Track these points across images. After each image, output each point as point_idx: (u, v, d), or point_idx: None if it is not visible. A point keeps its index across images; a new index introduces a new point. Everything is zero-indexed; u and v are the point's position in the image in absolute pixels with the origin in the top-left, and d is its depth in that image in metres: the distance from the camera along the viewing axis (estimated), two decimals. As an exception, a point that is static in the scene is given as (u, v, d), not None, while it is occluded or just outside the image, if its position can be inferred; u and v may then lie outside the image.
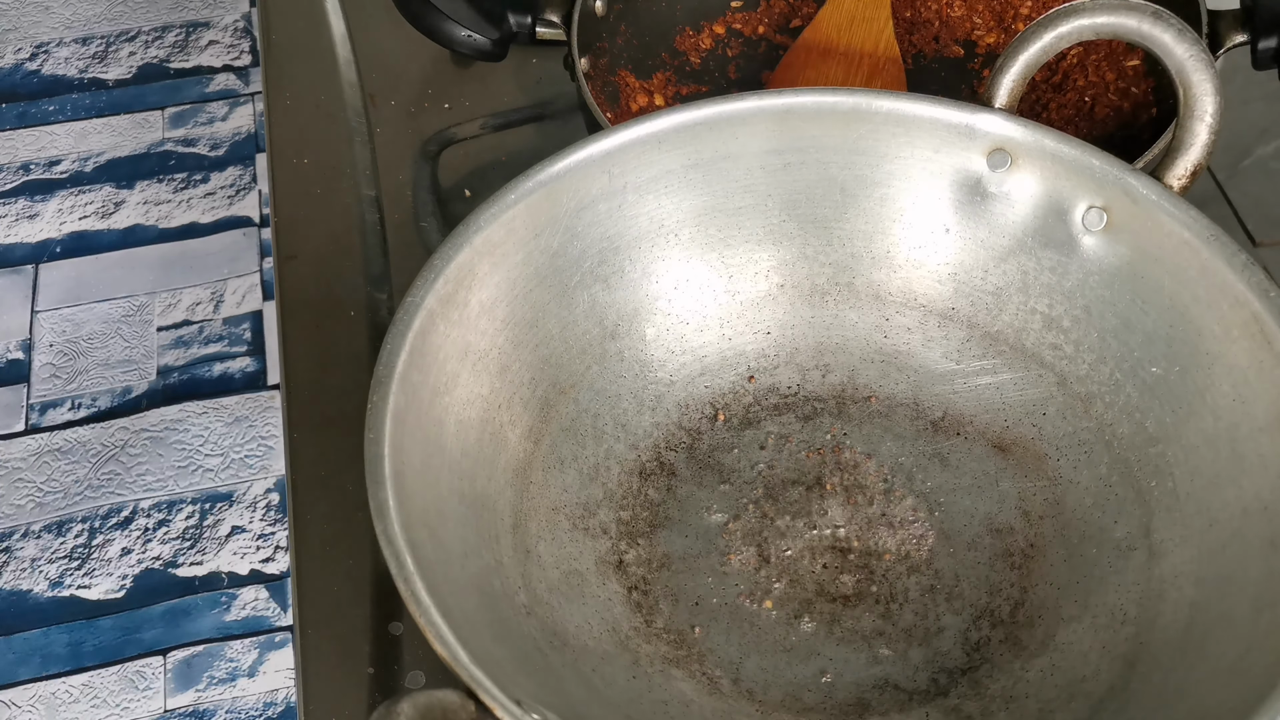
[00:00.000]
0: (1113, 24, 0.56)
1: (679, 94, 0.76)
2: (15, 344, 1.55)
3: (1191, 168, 0.56)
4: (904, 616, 0.55)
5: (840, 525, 0.58)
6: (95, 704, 1.28)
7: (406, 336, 0.51)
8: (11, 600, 1.35)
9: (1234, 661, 0.47)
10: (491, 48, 0.73)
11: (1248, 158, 0.75)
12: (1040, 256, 0.59)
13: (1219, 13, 0.68)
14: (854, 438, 0.60)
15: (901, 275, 0.62)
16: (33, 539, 1.39)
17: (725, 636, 0.55)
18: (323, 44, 0.85)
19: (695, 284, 0.62)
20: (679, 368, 0.62)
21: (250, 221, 1.66)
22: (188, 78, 1.82)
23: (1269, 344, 0.51)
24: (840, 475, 0.59)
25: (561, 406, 0.59)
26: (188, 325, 1.56)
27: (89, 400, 1.50)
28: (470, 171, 0.78)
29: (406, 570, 0.45)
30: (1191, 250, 0.54)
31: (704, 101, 0.59)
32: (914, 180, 0.60)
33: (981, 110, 0.58)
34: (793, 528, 0.57)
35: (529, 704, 0.44)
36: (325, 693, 0.57)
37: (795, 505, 0.58)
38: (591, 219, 0.59)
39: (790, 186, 0.61)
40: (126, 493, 1.42)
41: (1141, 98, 0.71)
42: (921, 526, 0.57)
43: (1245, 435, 0.52)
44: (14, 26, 1.88)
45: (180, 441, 1.46)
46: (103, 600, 1.35)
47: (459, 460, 0.53)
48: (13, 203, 1.68)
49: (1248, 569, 0.50)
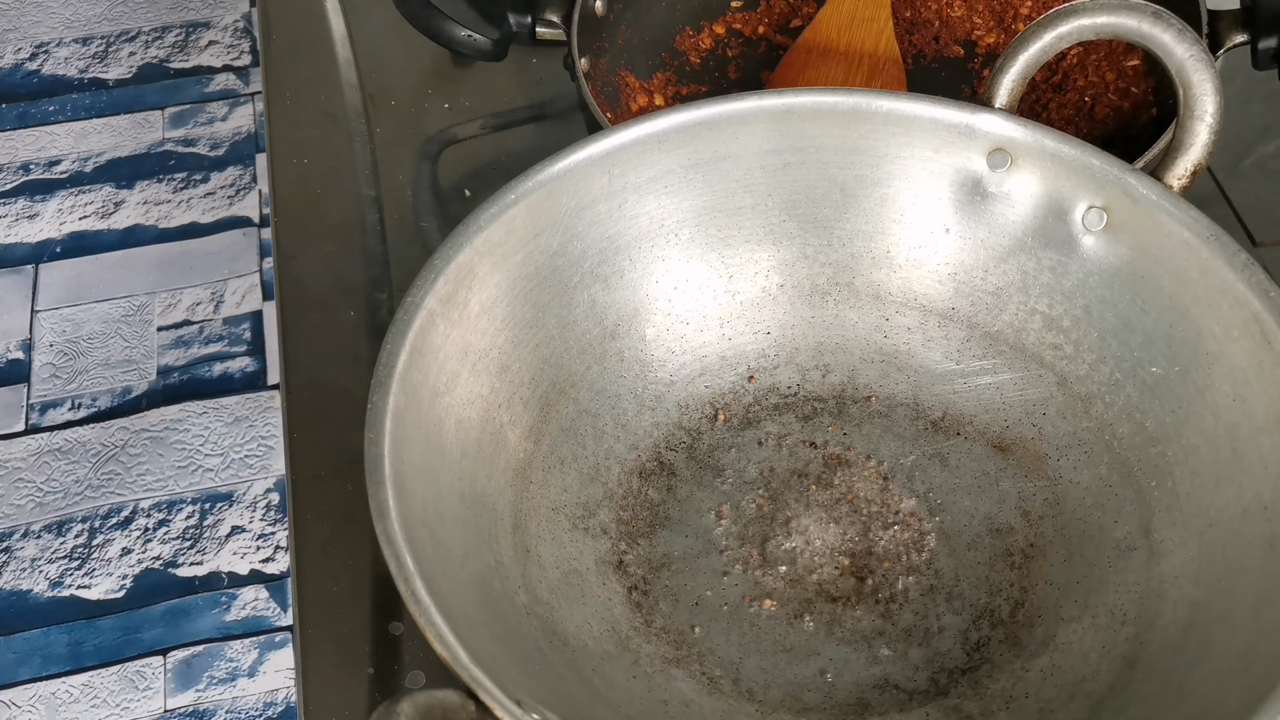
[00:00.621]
0: (1113, 24, 0.56)
1: (679, 94, 0.76)
2: (15, 344, 1.55)
3: (1191, 168, 0.56)
4: (904, 616, 0.55)
5: (840, 525, 0.58)
6: (95, 704, 1.28)
7: (406, 336, 0.51)
8: (11, 600, 1.35)
9: (1234, 661, 0.47)
10: (491, 48, 0.73)
11: (1248, 158, 0.75)
12: (1040, 256, 0.59)
13: (1219, 13, 0.68)
14: (854, 438, 0.60)
15: (901, 275, 0.62)
16: (33, 539, 1.39)
17: (725, 636, 0.55)
18: (323, 44, 0.85)
19: (695, 284, 0.62)
20: (679, 368, 0.62)
21: (250, 221, 1.66)
22: (188, 78, 1.82)
23: (1269, 344, 0.51)
24: (840, 475, 0.59)
25: (561, 406, 0.59)
26: (188, 325, 1.57)
27: (89, 400, 1.50)
28: (470, 171, 0.78)
29: (406, 570, 0.45)
30: (1191, 250, 0.54)
31: (704, 101, 0.59)
32: (914, 180, 0.60)
33: (981, 110, 0.58)
34: (792, 528, 0.57)
35: (529, 704, 0.44)
36: (325, 693, 0.57)
37: (795, 505, 0.58)
38: (591, 219, 0.59)
39: (790, 186, 0.61)
40: (126, 493, 1.42)
41: (1141, 98, 0.71)
42: (921, 526, 0.57)
43: (1245, 435, 0.52)
44: (14, 26, 1.88)
45: (180, 441, 1.46)
46: (103, 600, 1.35)
47: (459, 460, 0.53)
48: (13, 203, 1.68)
49: (1248, 569, 0.50)
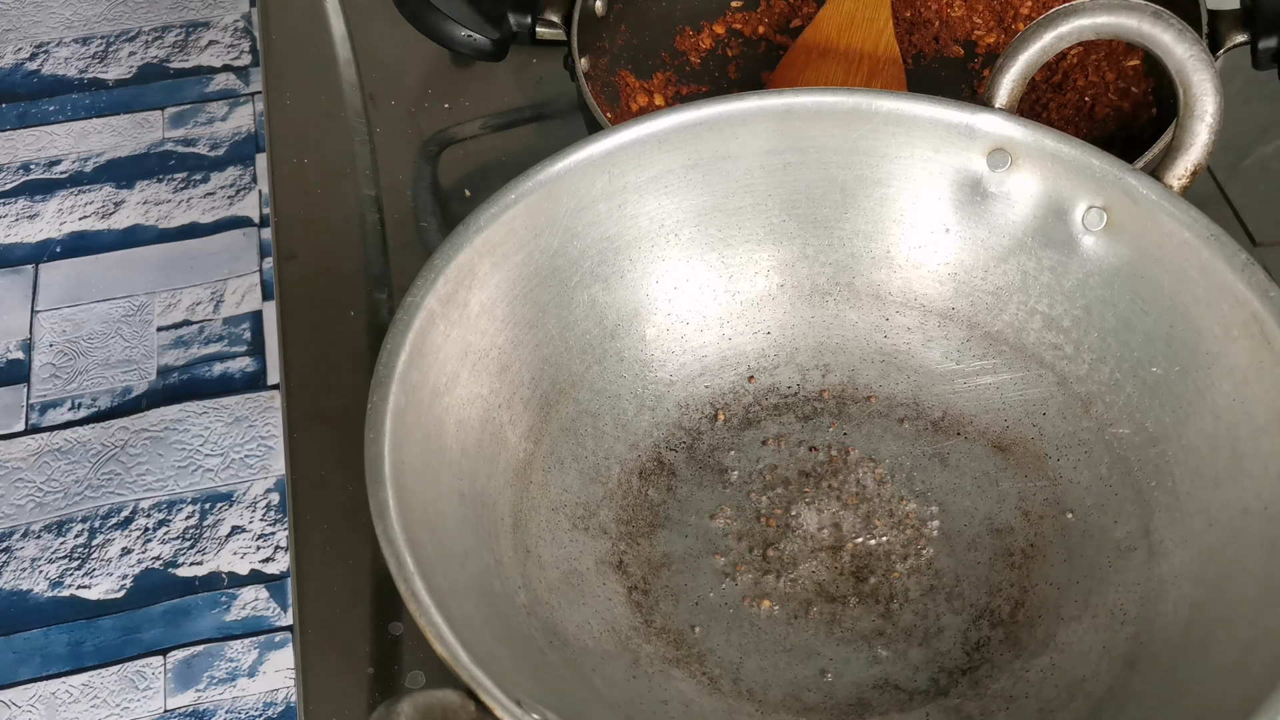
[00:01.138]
0: (1113, 24, 0.56)
1: (679, 94, 0.76)
2: (15, 344, 1.55)
3: (1191, 168, 0.56)
4: (904, 617, 0.55)
5: (840, 525, 0.58)
6: (95, 704, 1.28)
7: (406, 336, 0.51)
8: (11, 600, 1.35)
9: (1234, 661, 0.47)
10: (491, 48, 0.73)
11: (1248, 158, 0.75)
12: (1040, 256, 0.59)
13: (1219, 13, 0.68)
14: (854, 438, 0.60)
15: (901, 275, 0.62)
16: (33, 539, 1.39)
17: (725, 636, 0.55)
18: (323, 44, 0.85)
19: (695, 284, 0.62)
20: (679, 368, 0.62)
21: (250, 221, 1.66)
22: (188, 78, 1.82)
23: (1269, 344, 0.51)
24: (840, 475, 0.59)
25: (561, 406, 0.59)
26: (188, 325, 1.56)
27: (89, 400, 1.50)
28: (470, 171, 0.78)
29: (406, 570, 0.45)
30: (1191, 250, 0.54)
31: (704, 101, 0.59)
32: (914, 180, 0.60)
33: (981, 110, 0.58)
34: (792, 528, 0.57)
35: (529, 704, 0.44)
36: (325, 693, 0.57)
37: (795, 505, 0.58)
38: (591, 219, 0.59)
39: (790, 186, 0.61)
40: (126, 493, 1.42)
41: (1141, 98, 0.71)
42: (921, 527, 0.57)
43: (1245, 435, 0.52)
44: (14, 26, 1.88)
45: (180, 441, 1.46)
46: (103, 600, 1.35)
47: (459, 460, 0.53)
48: (13, 203, 1.68)
49: (1248, 569, 0.50)
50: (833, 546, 0.57)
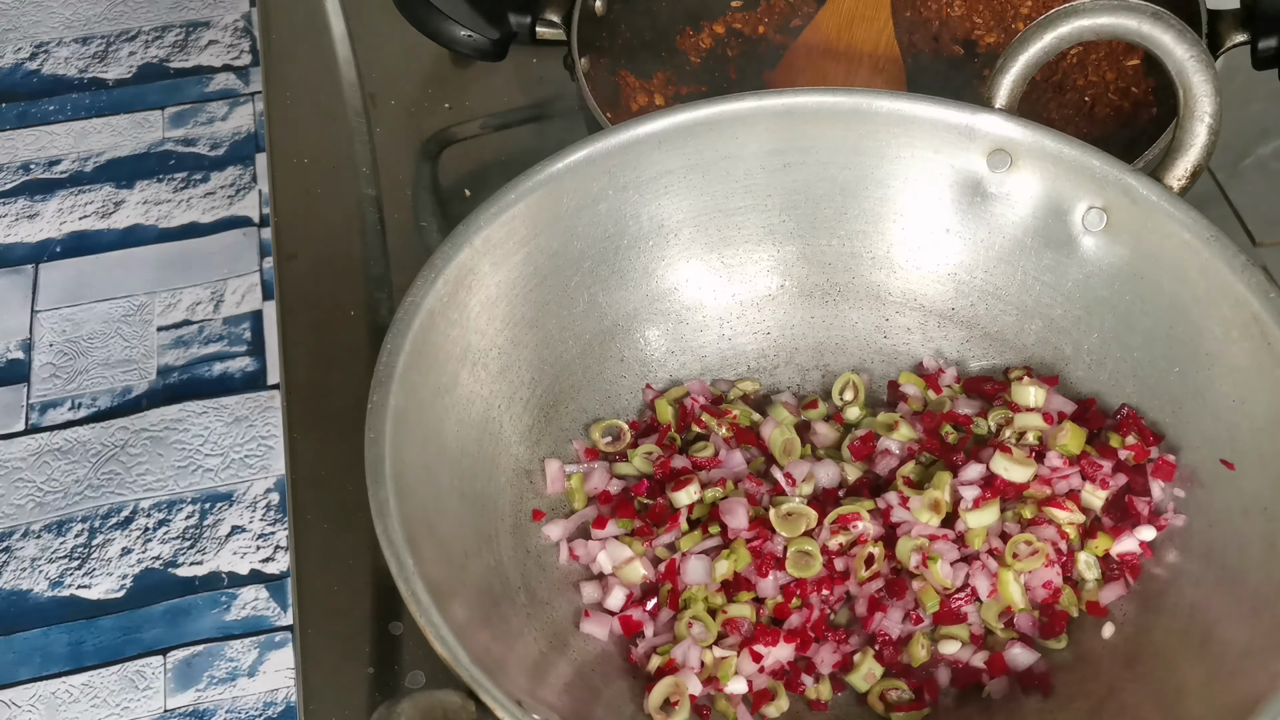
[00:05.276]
0: (1113, 24, 0.56)
1: (679, 94, 0.76)
2: (15, 344, 1.55)
3: (1191, 168, 0.56)
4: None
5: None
6: (95, 704, 1.28)
7: (406, 336, 0.51)
8: (11, 600, 1.35)
9: (1234, 662, 0.47)
10: (491, 48, 0.73)
11: (1248, 158, 0.75)
12: (1040, 257, 0.59)
13: (1219, 13, 0.68)
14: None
15: (901, 275, 0.62)
16: (33, 539, 1.39)
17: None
18: (323, 44, 0.85)
19: (695, 284, 0.62)
20: (679, 367, 0.62)
21: (250, 221, 1.66)
22: (188, 77, 1.82)
23: (1269, 344, 0.51)
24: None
25: (561, 406, 0.59)
26: (188, 325, 1.56)
27: (89, 400, 1.50)
28: (470, 171, 0.78)
29: (406, 570, 0.45)
30: (1191, 250, 0.54)
31: (704, 101, 0.59)
32: (914, 180, 0.60)
33: (981, 110, 0.58)
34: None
35: (529, 704, 0.44)
36: (325, 693, 0.57)
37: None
38: (591, 219, 0.59)
39: (790, 186, 0.61)
40: (126, 492, 1.42)
41: (1141, 98, 0.71)
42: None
43: (1245, 435, 0.52)
44: (14, 26, 1.88)
45: (180, 441, 1.46)
46: (103, 600, 1.35)
47: (459, 460, 0.53)
48: (13, 203, 1.68)
49: (1248, 569, 0.50)
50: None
